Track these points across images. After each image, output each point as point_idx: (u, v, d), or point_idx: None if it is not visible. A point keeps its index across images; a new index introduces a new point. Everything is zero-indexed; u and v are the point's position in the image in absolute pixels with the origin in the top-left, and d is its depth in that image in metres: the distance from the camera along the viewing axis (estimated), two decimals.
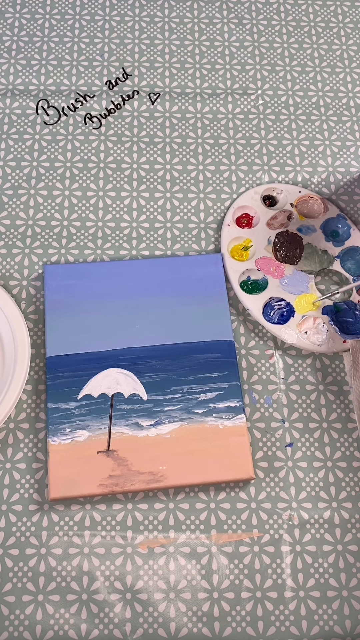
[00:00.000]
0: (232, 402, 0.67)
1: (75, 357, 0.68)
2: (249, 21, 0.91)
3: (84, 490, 0.63)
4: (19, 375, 0.66)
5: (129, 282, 0.72)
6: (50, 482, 0.63)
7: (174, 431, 0.65)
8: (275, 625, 0.60)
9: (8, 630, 0.59)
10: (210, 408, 0.66)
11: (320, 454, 0.67)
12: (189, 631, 0.60)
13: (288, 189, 0.79)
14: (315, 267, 0.75)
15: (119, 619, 0.60)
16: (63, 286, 0.71)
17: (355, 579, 0.62)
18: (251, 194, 0.79)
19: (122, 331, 0.69)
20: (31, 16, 0.89)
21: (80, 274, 0.72)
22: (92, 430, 0.65)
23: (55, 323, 0.69)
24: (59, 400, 0.66)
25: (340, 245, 0.76)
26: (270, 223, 0.77)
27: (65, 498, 0.63)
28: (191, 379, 0.68)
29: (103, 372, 0.68)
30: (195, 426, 0.66)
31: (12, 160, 0.80)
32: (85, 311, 0.70)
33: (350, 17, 0.92)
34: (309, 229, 0.77)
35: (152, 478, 0.63)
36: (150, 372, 0.68)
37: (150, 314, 0.70)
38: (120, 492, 0.63)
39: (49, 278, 0.72)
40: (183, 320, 0.70)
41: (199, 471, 0.64)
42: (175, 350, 0.69)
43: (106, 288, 0.71)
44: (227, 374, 0.68)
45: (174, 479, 0.63)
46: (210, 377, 0.68)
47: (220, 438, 0.65)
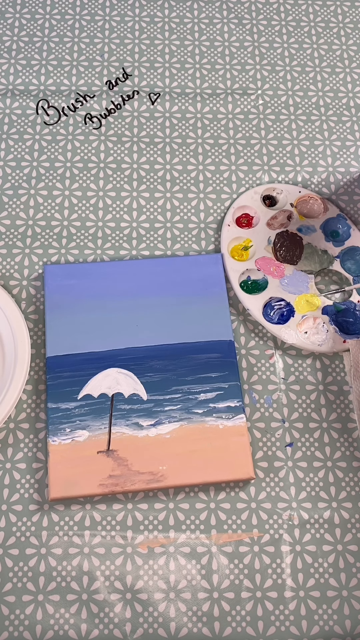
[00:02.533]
0: (232, 402, 0.67)
1: (76, 357, 0.68)
2: (249, 21, 0.91)
3: (84, 490, 0.63)
4: (19, 375, 0.66)
5: (129, 282, 0.72)
6: (50, 482, 0.63)
7: (174, 431, 0.65)
8: (275, 625, 0.60)
9: (8, 630, 0.59)
10: (210, 408, 0.66)
11: (320, 454, 0.67)
12: (189, 631, 0.60)
13: (288, 189, 0.79)
14: (315, 267, 0.75)
15: (119, 618, 0.60)
16: (63, 286, 0.71)
17: (355, 579, 0.62)
18: (251, 194, 0.79)
19: (122, 331, 0.69)
20: (31, 16, 0.89)
21: (81, 274, 0.72)
22: (92, 430, 0.65)
23: (55, 323, 0.69)
24: (59, 400, 0.66)
25: (340, 245, 0.76)
26: (270, 223, 0.77)
27: (65, 498, 0.63)
28: (191, 378, 0.68)
29: (103, 372, 0.68)
30: (195, 426, 0.66)
31: (12, 161, 0.80)
32: (86, 311, 0.70)
33: (350, 17, 0.92)
34: (309, 229, 0.77)
35: (152, 478, 0.63)
36: (150, 372, 0.68)
37: (150, 314, 0.70)
38: (121, 492, 0.63)
39: (49, 278, 0.72)
40: (183, 320, 0.70)
41: (199, 471, 0.64)
42: (175, 350, 0.69)
43: (106, 288, 0.71)
44: (227, 374, 0.68)
45: (174, 479, 0.63)
46: (210, 377, 0.68)
47: (221, 438, 0.65)
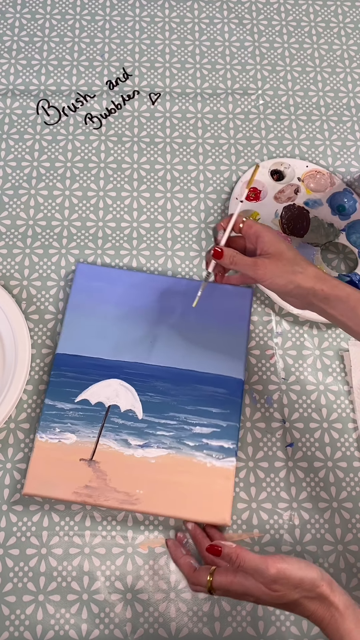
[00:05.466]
0: (227, 443, 0.64)
1: (83, 359, 0.67)
2: (249, 21, 0.91)
3: (58, 493, 0.62)
4: (20, 375, 0.66)
5: (154, 297, 0.70)
6: (27, 477, 0.62)
7: (161, 457, 0.64)
8: (276, 625, 0.60)
9: (9, 630, 0.59)
10: (203, 443, 0.64)
11: (321, 454, 0.67)
12: (189, 631, 0.60)
13: (295, 163, 0.80)
14: (321, 239, 0.76)
15: (120, 619, 0.60)
16: (89, 287, 0.71)
17: (355, 579, 0.62)
18: (259, 168, 0.80)
19: (135, 345, 0.68)
20: (31, 16, 0.89)
21: (110, 278, 0.71)
22: (80, 436, 0.64)
23: (72, 321, 0.69)
24: (57, 399, 0.66)
25: (347, 219, 0.78)
26: (277, 197, 0.78)
27: (38, 496, 0.62)
28: (191, 408, 0.66)
29: (106, 381, 0.67)
30: (183, 458, 0.64)
31: (13, 160, 0.80)
32: (104, 317, 0.69)
33: (350, 17, 0.92)
34: (316, 202, 0.78)
35: (127, 499, 0.62)
36: (152, 391, 0.66)
37: (167, 334, 0.69)
38: (93, 505, 0.62)
39: (79, 276, 0.71)
40: (198, 347, 0.68)
41: (174, 504, 0.62)
42: (182, 375, 0.67)
43: (131, 298, 0.70)
44: (229, 413, 0.66)
45: (147, 506, 0.62)
46: (211, 411, 0.66)
47: (205, 476, 0.63)
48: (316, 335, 0.72)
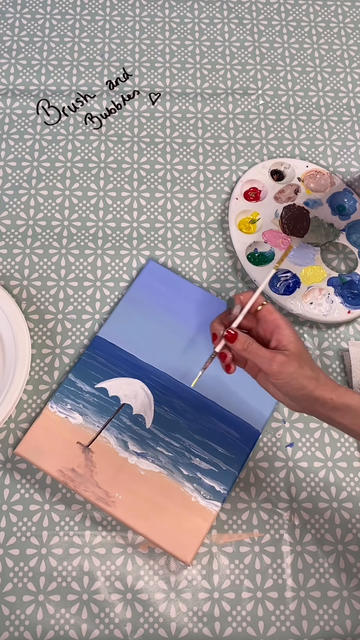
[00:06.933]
0: (219, 486, 0.64)
1: (118, 350, 0.68)
2: (249, 21, 0.91)
3: (44, 465, 0.63)
4: (20, 375, 0.66)
5: (208, 318, 0.68)
6: (24, 439, 0.64)
7: (152, 473, 0.64)
8: (276, 625, 0.60)
9: (9, 630, 0.59)
10: (196, 477, 0.64)
11: (321, 454, 0.67)
12: (189, 631, 0.60)
13: (295, 163, 0.80)
14: (321, 239, 0.76)
15: (120, 619, 0.60)
16: (151, 286, 0.72)
17: (355, 579, 0.62)
18: (259, 168, 0.80)
19: (171, 356, 0.68)
20: (32, 16, 0.89)
21: (174, 284, 0.72)
22: (87, 420, 0.65)
23: (123, 312, 0.70)
24: (79, 377, 0.67)
25: (347, 219, 0.78)
26: (277, 197, 0.78)
27: (26, 460, 0.63)
28: (198, 438, 0.65)
29: (130, 379, 0.67)
30: (172, 482, 0.63)
31: (13, 160, 0.80)
32: (154, 319, 0.70)
33: (350, 17, 0.92)
34: (316, 202, 0.78)
35: (104, 498, 0.62)
36: (168, 406, 0.66)
37: (204, 358, 0.66)
38: (72, 489, 0.63)
39: (147, 272, 0.72)
40: (230, 383, 0.67)
41: (145, 522, 0.61)
42: (203, 403, 0.67)
43: (185, 311, 0.70)
44: (233, 458, 0.65)
45: (120, 512, 0.62)
46: (216, 449, 0.65)
47: (186, 509, 0.62)
48: (316, 335, 0.72)
